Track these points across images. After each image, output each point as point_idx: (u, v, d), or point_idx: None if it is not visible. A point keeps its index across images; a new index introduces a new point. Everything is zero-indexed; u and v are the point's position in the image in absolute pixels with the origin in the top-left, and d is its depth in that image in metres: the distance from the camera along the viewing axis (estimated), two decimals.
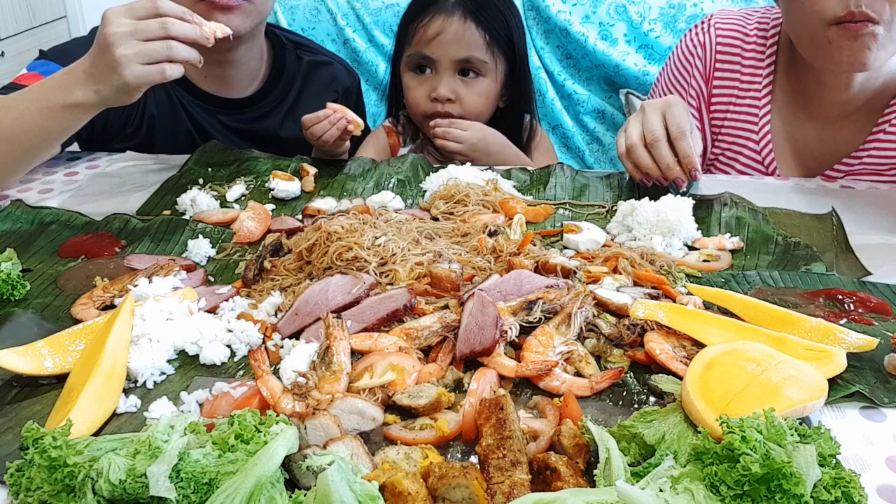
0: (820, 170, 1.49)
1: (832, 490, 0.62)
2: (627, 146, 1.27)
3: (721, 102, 1.57)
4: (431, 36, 1.63)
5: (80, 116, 1.21)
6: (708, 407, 0.72)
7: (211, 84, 1.65)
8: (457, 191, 1.30)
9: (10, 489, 0.66)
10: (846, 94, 1.43)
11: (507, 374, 0.85)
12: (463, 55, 1.64)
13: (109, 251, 1.17)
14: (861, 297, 1.00)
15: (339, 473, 0.61)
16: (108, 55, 1.12)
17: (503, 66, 1.70)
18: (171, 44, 1.14)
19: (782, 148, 1.52)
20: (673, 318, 0.90)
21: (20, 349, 0.85)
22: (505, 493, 0.66)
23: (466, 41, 1.63)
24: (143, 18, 1.13)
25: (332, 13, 2.27)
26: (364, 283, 0.99)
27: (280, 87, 1.73)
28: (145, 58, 1.13)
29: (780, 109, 1.52)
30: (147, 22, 1.13)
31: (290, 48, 1.76)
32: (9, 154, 1.24)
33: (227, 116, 1.68)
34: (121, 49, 1.11)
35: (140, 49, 1.12)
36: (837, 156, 1.48)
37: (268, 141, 1.71)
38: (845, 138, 1.47)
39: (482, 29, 1.63)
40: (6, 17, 3.14)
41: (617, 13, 2.15)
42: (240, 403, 0.80)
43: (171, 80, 1.48)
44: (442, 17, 1.62)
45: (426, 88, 1.68)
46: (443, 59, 1.65)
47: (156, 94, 1.61)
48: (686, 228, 1.17)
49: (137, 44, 1.12)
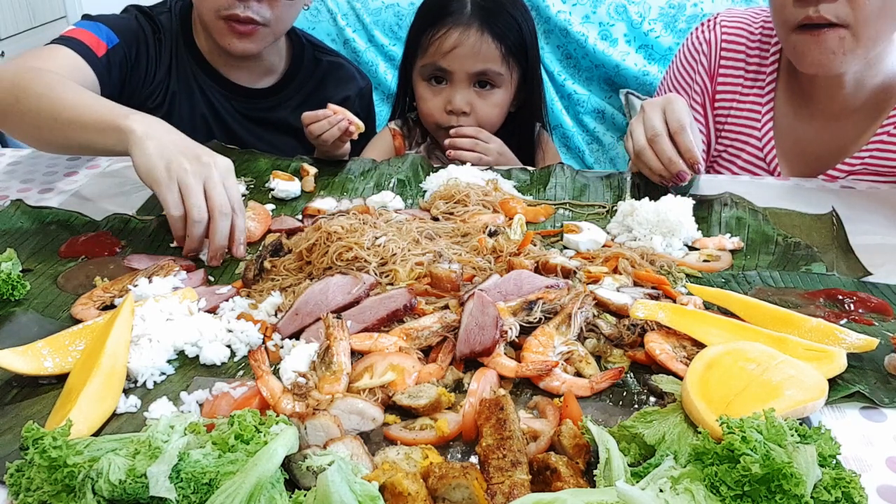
0: (821, 169, 1.50)
1: (832, 490, 0.62)
2: (636, 150, 1.28)
3: (725, 100, 1.58)
4: (448, 49, 1.62)
5: (115, 144, 1.16)
6: (708, 407, 0.72)
7: (231, 71, 1.69)
8: (457, 191, 1.30)
9: (10, 489, 0.66)
10: (841, 93, 1.43)
11: (507, 375, 0.85)
12: (479, 68, 1.63)
13: (109, 251, 1.17)
14: (861, 297, 1.00)
15: (339, 473, 0.61)
16: (184, 159, 1.10)
17: (517, 74, 1.70)
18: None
19: (784, 146, 1.53)
20: (673, 318, 0.90)
21: (20, 349, 0.85)
22: (505, 494, 0.66)
23: (483, 54, 1.62)
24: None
25: (332, 13, 2.27)
26: (364, 283, 0.99)
27: (296, 82, 1.77)
28: (177, 210, 1.10)
29: (782, 107, 1.53)
30: (195, 210, 1.09)
31: (308, 48, 1.80)
32: (57, 133, 1.24)
33: (242, 104, 1.72)
34: (167, 188, 1.09)
35: (176, 201, 1.09)
36: (839, 154, 1.48)
37: (279, 129, 1.75)
38: (847, 137, 1.47)
39: (498, 41, 1.62)
40: (6, 17, 3.14)
41: (617, 13, 2.14)
42: (240, 403, 0.80)
43: (193, 63, 1.61)
44: (459, 30, 1.61)
45: (441, 100, 1.68)
46: (459, 71, 1.64)
47: (178, 72, 1.65)
48: (686, 228, 1.17)
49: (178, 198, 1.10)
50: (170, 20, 1.65)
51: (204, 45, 1.66)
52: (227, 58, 1.64)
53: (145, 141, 1.11)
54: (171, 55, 1.65)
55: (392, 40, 2.26)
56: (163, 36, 1.63)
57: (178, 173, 1.08)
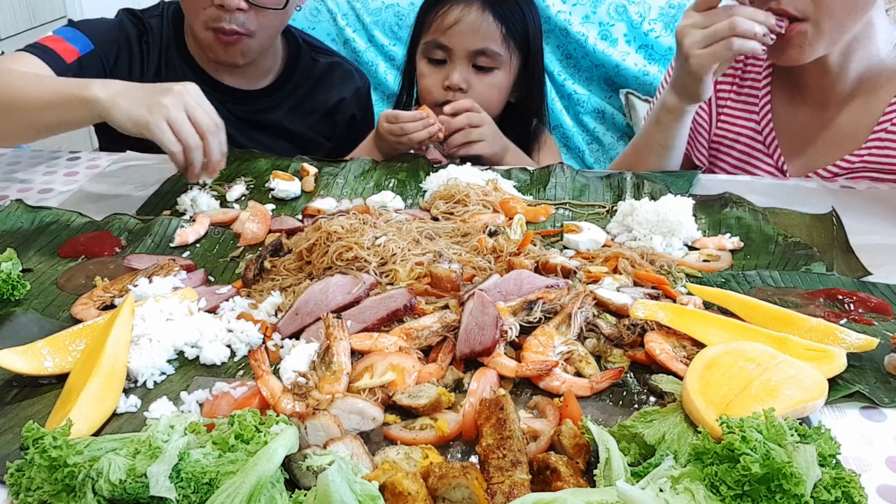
0: (819, 157, 1.51)
1: (832, 490, 0.62)
2: (717, 29, 1.27)
3: (727, 82, 1.61)
4: (449, 24, 1.64)
5: (86, 115, 1.24)
6: (708, 407, 0.72)
7: (224, 74, 1.69)
8: (457, 191, 1.30)
9: (10, 489, 0.66)
10: (826, 79, 1.45)
11: (507, 374, 0.85)
12: (479, 46, 1.65)
13: (109, 251, 1.17)
14: (861, 297, 1.00)
15: (339, 473, 0.61)
16: (160, 97, 1.19)
17: (517, 60, 1.71)
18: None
19: (782, 131, 1.56)
20: (673, 318, 0.90)
21: (20, 349, 0.85)
22: (505, 493, 0.66)
23: (483, 32, 1.64)
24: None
25: (332, 13, 2.27)
26: (364, 283, 0.99)
27: (292, 84, 1.76)
28: (179, 129, 1.20)
29: (779, 92, 1.56)
30: (190, 139, 1.21)
31: (305, 49, 1.80)
32: (17, 120, 1.29)
33: (236, 106, 1.72)
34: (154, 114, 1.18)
35: (171, 138, 1.20)
36: (834, 143, 1.49)
37: (273, 132, 1.75)
38: (841, 124, 1.49)
39: (499, 21, 1.64)
40: (6, 17, 3.14)
41: (617, 13, 2.14)
42: (240, 403, 0.80)
43: (185, 66, 1.61)
44: (461, 7, 1.64)
45: (440, 77, 1.69)
46: (458, 48, 1.65)
47: (168, 75, 1.65)
48: (686, 228, 1.17)
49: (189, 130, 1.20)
50: (161, 24, 1.66)
51: (195, 48, 1.67)
52: (220, 62, 1.65)
53: (115, 100, 1.19)
54: (161, 58, 1.66)
55: (392, 40, 2.26)
56: (151, 39, 1.65)
57: (161, 112, 1.18)
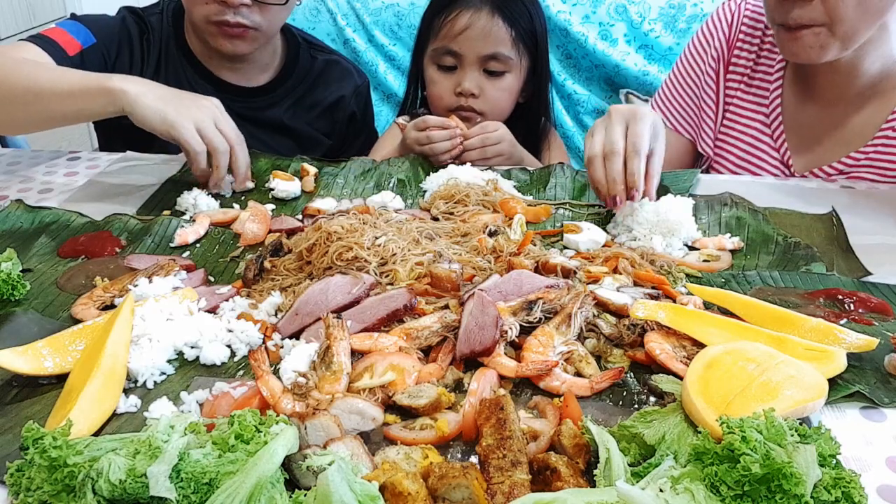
0: (827, 156, 1.51)
1: (832, 490, 0.62)
2: (588, 157, 1.25)
3: (738, 73, 1.61)
4: (459, 30, 1.64)
5: (107, 106, 1.26)
6: (708, 407, 0.72)
7: (223, 71, 1.69)
8: (457, 191, 1.30)
9: (10, 489, 0.66)
10: (838, 78, 1.45)
11: (507, 374, 0.85)
12: (490, 51, 1.65)
13: (109, 251, 1.17)
14: (861, 297, 1.00)
15: (339, 473, 0.61)
16: (189, 101, 1.24)
17: (527, 62, 1.71)
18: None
19: (790, 126, 1.56)
20: (673, 318, 0.90)
21: (20, 349, 0.85)
22: (505, 494, 0.66)
23: (493, 37, 1.64)
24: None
25: (332, 13, 2.27)
26: (364, 283, 0.99)
27: (291, 81, 1.77)
28: (203, 131, 1.27)
29: (789, 88, 1.56)
30: (218, 142, 1.29)
31: (304, 47, 1.80)
32: (34, 108, 1.30)
33: (236, 103, 1.71)
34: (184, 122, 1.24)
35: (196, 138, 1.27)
36: (842, 141, 1.49)
37: (273, 129, 1.75)
38: (851, 123, 1.49)
39: (509, 25, 1.64)
40: (6, 17, 3.14)
41: (617, 13, 2.14)
42: (240, 403, 0.80)
43: (185, 63, 1.64)
44: (470, 12, 1.63)
45: (451, 83, 1.69)
46: (469, 53, 1.65)
47: (168, 72, 1.66)
48: (686, 228, 1.17)
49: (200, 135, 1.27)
50: (161, 21, 1.66)
51: (196, 45, 1.67)
52: (219, 58, 1.65)
53: (144, 96, 1.22)
54: (161, 55, 1.66)
55: (392, 40, 2.26)
56: (151, 37, 1.65)
57: (188, 114, 1.21)
